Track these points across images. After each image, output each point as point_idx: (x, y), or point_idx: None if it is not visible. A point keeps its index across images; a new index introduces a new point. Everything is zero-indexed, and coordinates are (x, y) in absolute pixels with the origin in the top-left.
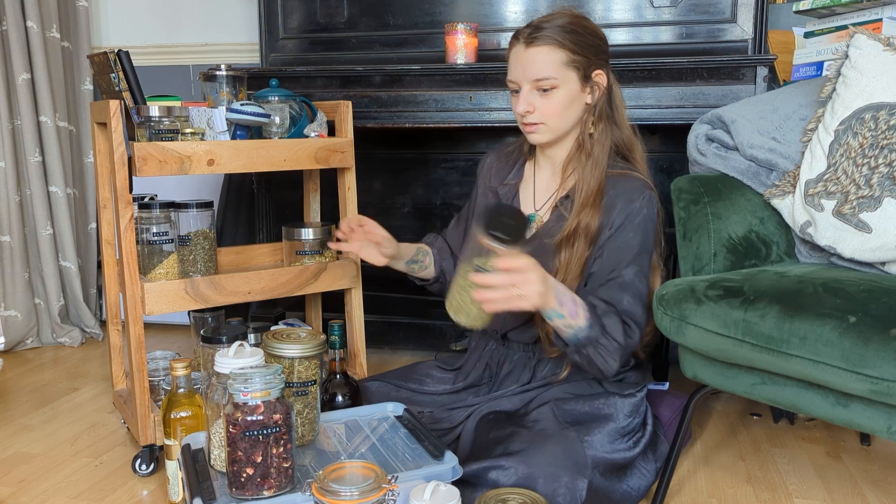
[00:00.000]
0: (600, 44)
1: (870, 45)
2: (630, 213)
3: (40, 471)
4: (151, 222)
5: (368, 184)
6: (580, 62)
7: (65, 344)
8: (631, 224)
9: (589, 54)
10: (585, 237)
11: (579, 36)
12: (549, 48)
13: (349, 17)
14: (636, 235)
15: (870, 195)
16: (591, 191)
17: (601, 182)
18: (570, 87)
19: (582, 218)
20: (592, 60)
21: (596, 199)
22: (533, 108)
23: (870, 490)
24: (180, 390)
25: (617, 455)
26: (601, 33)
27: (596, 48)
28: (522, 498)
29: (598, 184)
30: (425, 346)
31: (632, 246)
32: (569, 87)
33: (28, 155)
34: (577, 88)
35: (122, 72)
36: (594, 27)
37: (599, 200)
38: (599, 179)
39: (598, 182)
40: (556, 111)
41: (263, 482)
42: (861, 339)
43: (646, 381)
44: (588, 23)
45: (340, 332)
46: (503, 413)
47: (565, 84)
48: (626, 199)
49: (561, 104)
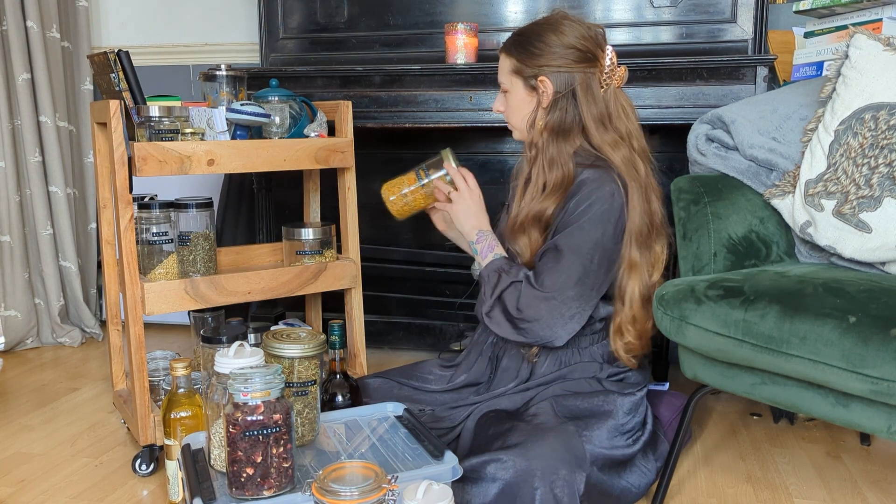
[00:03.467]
0: (550, 50)
1: (870, 45)
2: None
3: (40, 471)
4: (151, 222)
5: (368, 184)
6: (521, 70)
7: (65, 344)
8: (588, 211)
9: (529, 62)
10: (538, 224)
11: (525, 43)
12: (504, 56)
13: (349, 17)
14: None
15: (870, 195)
16: (544, 183)
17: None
18: (518, 93)
19: (532, 207)
20: (533, 68)
21: (553, 191)
22: (503, 108)
23: (870, 490)
24: (180, 390)
25: (616, 451)
26: (566, 40)
27: (540, 55)
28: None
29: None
30: (425, 346)
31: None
32: (516, 92)
33: (28, 155)
34: (523, 94)
35: (122, 72)
36: (560, 34)
37: (559, 192)
38: (561, 176)
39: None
40: (511, 113)
41: (263, 482)
42: (861, 339)
43: (646, 381)
44: (552, 29)
45: (340, 332)
46: (503, 412)
47: (513, 90)
48: (591, 186)
49: (514, 107)
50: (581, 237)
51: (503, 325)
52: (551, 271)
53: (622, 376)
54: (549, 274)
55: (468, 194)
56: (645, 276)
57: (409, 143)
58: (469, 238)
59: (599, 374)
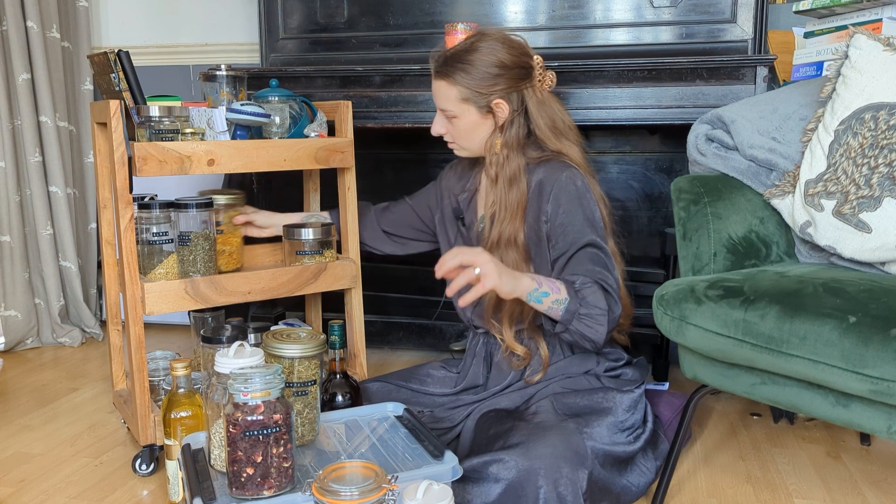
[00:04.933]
0: (500, 73)
1: (870, 45)
2: (557, 193)
3: (40, 471)
4: (151, 222)
5: (368, 184)
6: (473, 97)
7: (65, 344)
8: (565, 202)
9: (482, 89)
10: (515, 246)
11: (469, 70)
12: (447, 84)
13: (349, 17)
14: (574, 210)
15: (870, 195)
16: (507, 206)
17: (517, 198)
18: (469, 118)
19: (504, 229)
20: (487, 94)
21: (517, 211)
22: (445, 130)
23: (870, 490)
24: (180, 390)
25: (617, 448)
26: (506, 60)
27: (493, 80)
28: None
29: (516, 199)
30: (425, 346)
31: (574, 220)
32: (467, 117)
33: (28, 155)
34: (476, 118)
35: (122, 72)
36: (498, 56)
37: (521, 210)
38: (518, 195)
39: (517, 197)
40: (460, 135)
41: (263, 482)
42: (861, 339)
43: (644, 379)
44: (490, 52)
45: (340, 332)
46: (503, 411)
47: (463, 115)
48: (550, 182)
49: (464, 130)
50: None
51: (603, 331)
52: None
53: (619, 372)
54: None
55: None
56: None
57: (409, 143)
58: (525, 287)
59: (597, 370)
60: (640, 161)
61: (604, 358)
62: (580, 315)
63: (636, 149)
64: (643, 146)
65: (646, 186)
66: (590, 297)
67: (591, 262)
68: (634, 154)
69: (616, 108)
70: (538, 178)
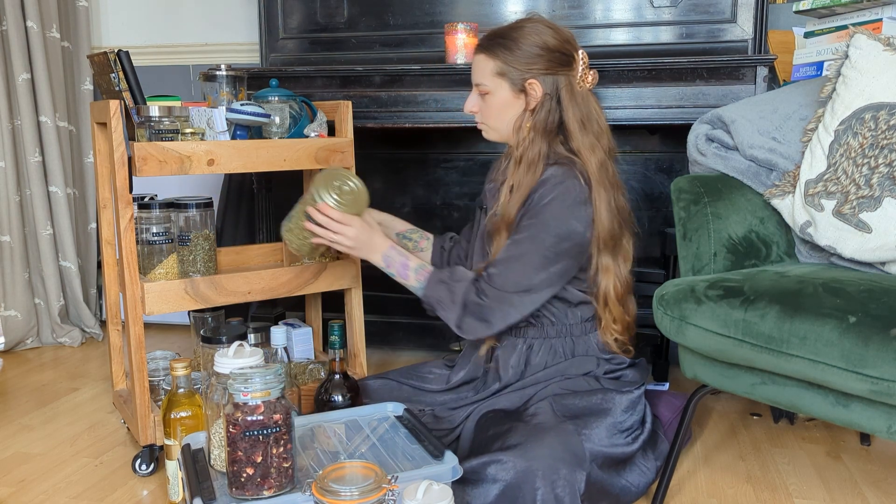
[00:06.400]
0: (541, 54)
1: (870, 45)
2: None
3: (40, 471)
4: (151, 222)
5: (368, 184)
6: (509, 72)
7: (65, 344)
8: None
9: (519, 66)
10: (507, 226)
11: (510, 46)
12: (485, 56)
13: (349, 17)
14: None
15: (870, 195)
16: (519, 187)
17: (530, 181)
18: (502, 95)
19: (509, 209)
20: (524, 71)
21: (525, 195)
22: (477, 108)
23: (870, 490)
24: (180, 390)
25: (615, 449)
26: (549, 43)
27: (532, 59)
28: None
29: (528, 183)
30: (425, 346)
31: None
32: (500, 94)
33: (28, 155)
34: (509, 96)
35: (122, 72)
36: (542, 37)
37: (525, 194)
38: (531, 180)
39: (529, 182)
40: (490, 114)
41: (263, 482)
42: (861, 339)
43: (644, 380)
44: (535, 32)
45: (340, 332)
46: (502, 411)
47: (497, 91)
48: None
49: (495, 107)
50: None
51: (477, 327)
52: (505, 264)
53: (619, 374)
54: (504, 266)
55: (343, 232)
56: (619, 272)
57: (409, 143)
58: (376, 263)
59: (596, 371)
60: (640, 161)
61: (605, 361)
62: (437, 301)
63: (636, 149)
64: (643, 146)
65: (646, 186)
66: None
67: (501, 261)
68: (634, 154)
69: (616, 108)
70: (545, 176)
